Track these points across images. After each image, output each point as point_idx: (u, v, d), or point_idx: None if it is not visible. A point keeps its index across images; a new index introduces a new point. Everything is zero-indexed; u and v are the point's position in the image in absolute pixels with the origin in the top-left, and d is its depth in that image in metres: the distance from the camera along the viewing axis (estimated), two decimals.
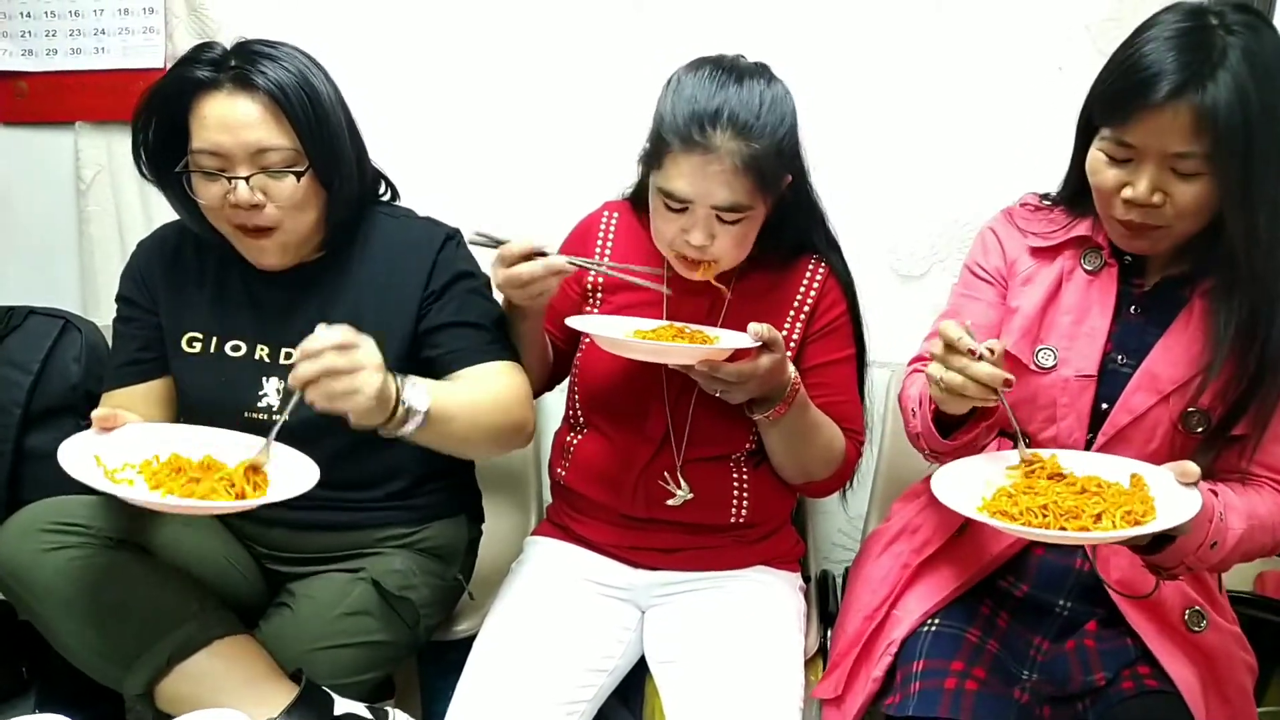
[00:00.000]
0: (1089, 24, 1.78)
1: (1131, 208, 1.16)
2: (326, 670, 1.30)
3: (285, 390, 1.23)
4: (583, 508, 1.48)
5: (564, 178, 1.95)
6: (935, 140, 1.88)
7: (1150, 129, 1.11)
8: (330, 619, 1.33)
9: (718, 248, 1.30)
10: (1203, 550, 1.11)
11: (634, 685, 1.45)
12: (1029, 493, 1.10)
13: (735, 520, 1.42)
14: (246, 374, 1.36)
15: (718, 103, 1.23)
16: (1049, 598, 1.29)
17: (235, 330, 1.38)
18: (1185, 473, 1.07)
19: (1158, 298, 1.26)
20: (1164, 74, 1.09)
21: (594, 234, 1.49)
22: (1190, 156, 1.10)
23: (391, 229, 1.43)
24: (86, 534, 1.25)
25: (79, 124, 2.14)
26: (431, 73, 1.99)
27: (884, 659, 1.30)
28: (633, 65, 1.91)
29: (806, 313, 1.42)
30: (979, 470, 1.18)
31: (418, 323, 1.38)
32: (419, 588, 1.40)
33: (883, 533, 1.45)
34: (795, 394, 1.29)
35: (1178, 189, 1.13)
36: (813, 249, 1.44)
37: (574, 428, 1.50)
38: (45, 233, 2.21)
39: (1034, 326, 1.29)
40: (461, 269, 1.41)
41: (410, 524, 1.45)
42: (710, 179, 1.23)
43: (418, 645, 1.44)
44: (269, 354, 1.37)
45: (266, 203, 1.27)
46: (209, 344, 1.39)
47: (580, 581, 1.45)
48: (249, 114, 1.26)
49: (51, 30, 2.12)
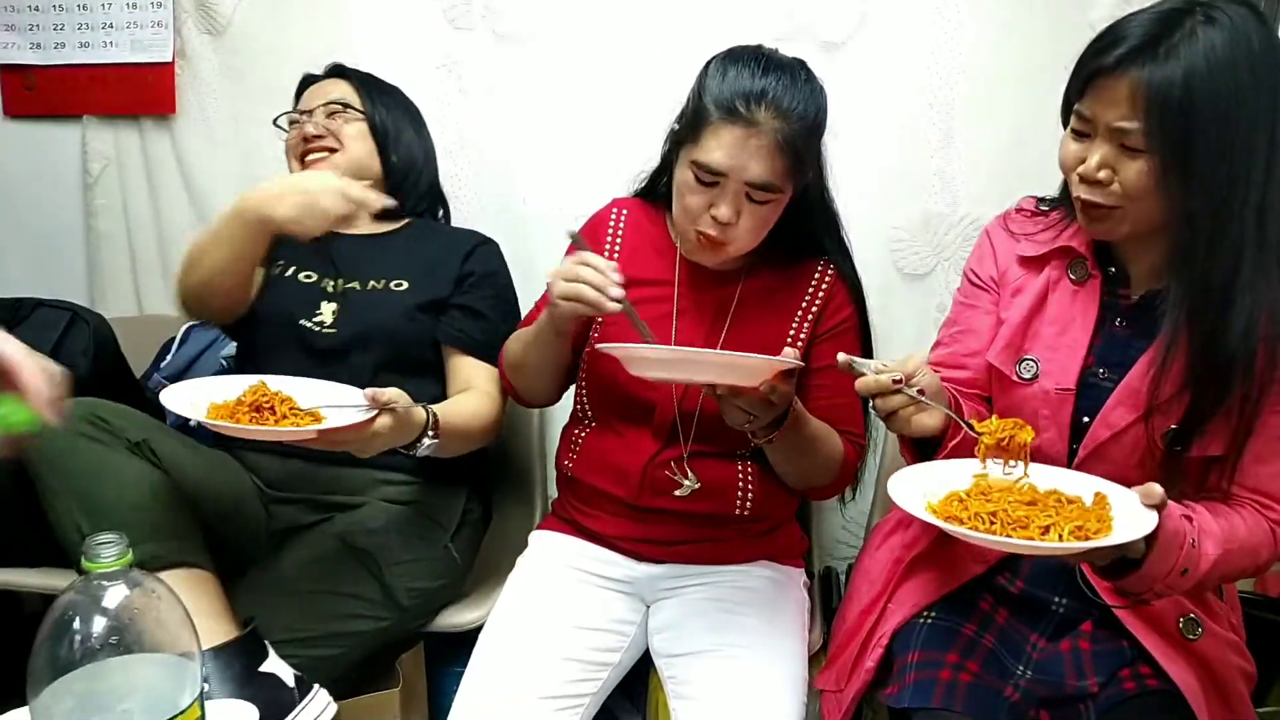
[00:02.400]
0: (1094, 23, 1.78)
1: (1084, 184, 1.15)
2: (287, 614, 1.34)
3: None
4: (589, 499, 1.48)
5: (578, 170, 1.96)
6: (940, 138, 1.88)
7: (1098, 98, 1.11)
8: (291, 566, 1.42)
9: (740, 228, 1.31)
10: (1173, 577, 1.07)
11: (638, 679, 1.46)
12: (980, 498, 1.07)
13: (740, 513, 1.43)
14: (310, 297, 1.61)
15: (764, 83, 1.27)
16: (1044, 594, 1.29)
17: (309, 263, 1.65)
18: (1149, 494, 1.02)
19: (1143, 309, 1.22)
20: (1121, 41, 1.08)
21: (604, 230, 1.50)
22: (1131, 133, 1.08)
23: (444, 229, 1.79)
24: (113, 434, 1.32)
25: (86, 118, 2.14)
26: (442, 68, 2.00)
27: (876, 650, 1.31)
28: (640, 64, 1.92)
29: (814, 314, 1.43)
30: (939, 474, 1.14)
31: (451, 292, 1.63)
32: (391, 549, 1.45)
33: (883, 525, 1.46)
34: (793, 414, 1.27)
35: (1124, 166, 1.11)
36: (821, 251, 1.45)
37: (581, 421, 1.51)
38: (52, 226, 2.22)
39: (1018, 337, 1.27)
40: (495, 268, 1.69)
41: (408, 473, 1.55)
42: (749, 153, 1.26)
43: (402, 611, 1.44)
44: (332, 285, 1.62)
45: (326, 135, 1.65)
46: (287, 269, 1.65)
47: (585, 575, 1.46)
48: (330, 84, 1.72)
49: (60, 24, 2.13)
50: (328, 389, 1.35)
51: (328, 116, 1.67)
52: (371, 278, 1.62)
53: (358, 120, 1.69)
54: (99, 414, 1.32)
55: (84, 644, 0.82)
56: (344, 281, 1.62)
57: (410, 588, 1.45)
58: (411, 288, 1.61)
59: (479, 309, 1.62)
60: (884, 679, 1.30)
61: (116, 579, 0.84)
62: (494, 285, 1.67)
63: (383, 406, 1.24)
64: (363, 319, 1.57)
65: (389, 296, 1.60)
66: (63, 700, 0.82)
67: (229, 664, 1.21)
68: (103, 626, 0.83)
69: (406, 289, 1.61)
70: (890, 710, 1.28)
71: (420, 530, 1.51)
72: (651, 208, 1.50)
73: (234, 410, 1.23)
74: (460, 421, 1.46)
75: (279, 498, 1.52)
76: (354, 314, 1.58)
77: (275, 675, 1.24)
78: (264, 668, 1.24)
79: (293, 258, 1.66)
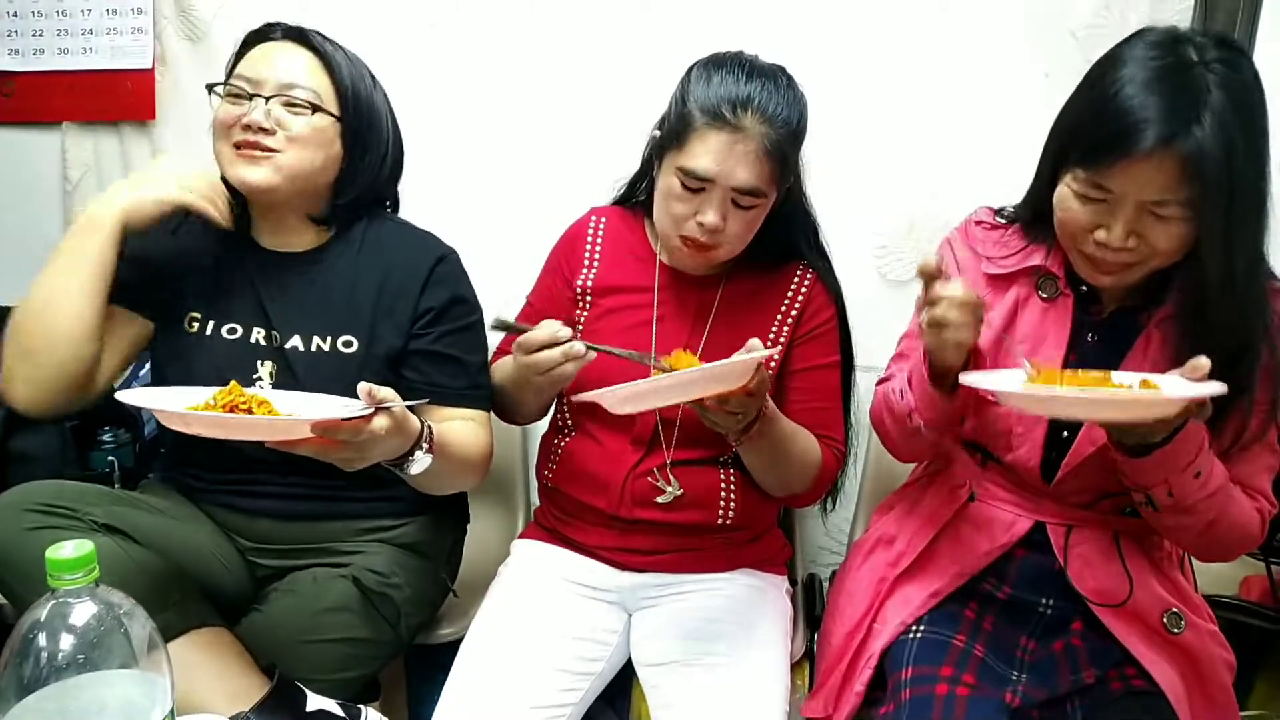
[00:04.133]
0: (1075, 30, 1.79)
1: (1103, 248, 1.14)
2: (305, 666, 1.29)
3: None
4: (570, 509, 1.48)
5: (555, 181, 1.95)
6: (922, 145, 1.89)
7: (1132, 177, 1.08)
8: (310, 614, 1.33)
9: (727, 233, 1.32)
10: (1186, 476, 1.09)
11: (621, 688, 1.45)
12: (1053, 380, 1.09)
13: (723, 522, 1.42)
14: (242, 357, 1.38)
15: (749, 89, 1.28)
16: (1032, 598, 1.29)
17: (233, 314, 1.40)
18: (1195, 366, 1.02)
19: (1115, 326, 1.24)
20: (1149, 121, 1.05)
21: (582, 240, 1.50)
22: (1171, 203, 1.08)
23: (393, 234, 1.46)
24: (72, 517, 1.24)
25: (66, 124, 2.13)
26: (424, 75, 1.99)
27: (865, 671, 1.31)
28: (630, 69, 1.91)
29: (794, 316, 1.43)
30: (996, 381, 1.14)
31: (407, 339, 1.40)
32: (401, 586, 1.39)
33: (862, 544, 1.46)
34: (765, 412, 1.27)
35: (1153, 231, 1.10)
36: (801, 256, 1.45)
37: (561, 431, 1.50)
38: (32, 233, 2.19)
39: (989, 354, 1.26)
40: (456, 293, 1.43)
41: (393, 516, 1.45)
42: (736, 158, 1.27)
43: (401, 645, 1.44)
44: (264, 337, 1.39)
45: (276, 130, 1.32)
46: (205, 325, 1.40)
47: (567, 584, 1.45)
48: (293, 56, 1.36)
49: (39, 30, 2.11)
50: (305, 397, 1.24)
51: (285, 106, 1.33)
52: (314, 332, 1.38)
53: (326, 120, 1.36)
54: (45, 499, 1.24)
55: (51, 661, 0.81)
56: (280, 336, 1.38)
57: (411, 624, 1.44)
58: (361, 348, 1.38)
59: (447, 353, 1.41)
60: (876, 698, 1.29)
61: (83, 596, 0.83)
62: (457, 316, 1.43)
63: (378, 404, 1.14)
64: (309, 384, 1.33)
65: (336, 359, 1.37)
66: (30, 718, 0.80)
67: (277, 714, 1.19)
68: (70, 644, 0.81)
69: (356, 349, 1.38)
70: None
71: (418, 565, 1.46)
72: (630, 214, 1.50)
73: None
74: (455, 441, 1.32)
75: (255, 549, 1.44)
76: (299, 377, 1.36)
77: (323, 711, 1.23)
78: (310, 707, 1.23)
79: (208, 311, 1.40)
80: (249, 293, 1.39)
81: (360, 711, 1.27)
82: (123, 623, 0.84)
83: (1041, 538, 1.27)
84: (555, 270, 1.52)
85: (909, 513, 1.39)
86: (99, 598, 0.84)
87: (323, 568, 1.39)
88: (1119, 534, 1.26)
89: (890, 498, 1.49)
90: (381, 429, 1.12)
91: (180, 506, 1.42)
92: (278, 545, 1.43)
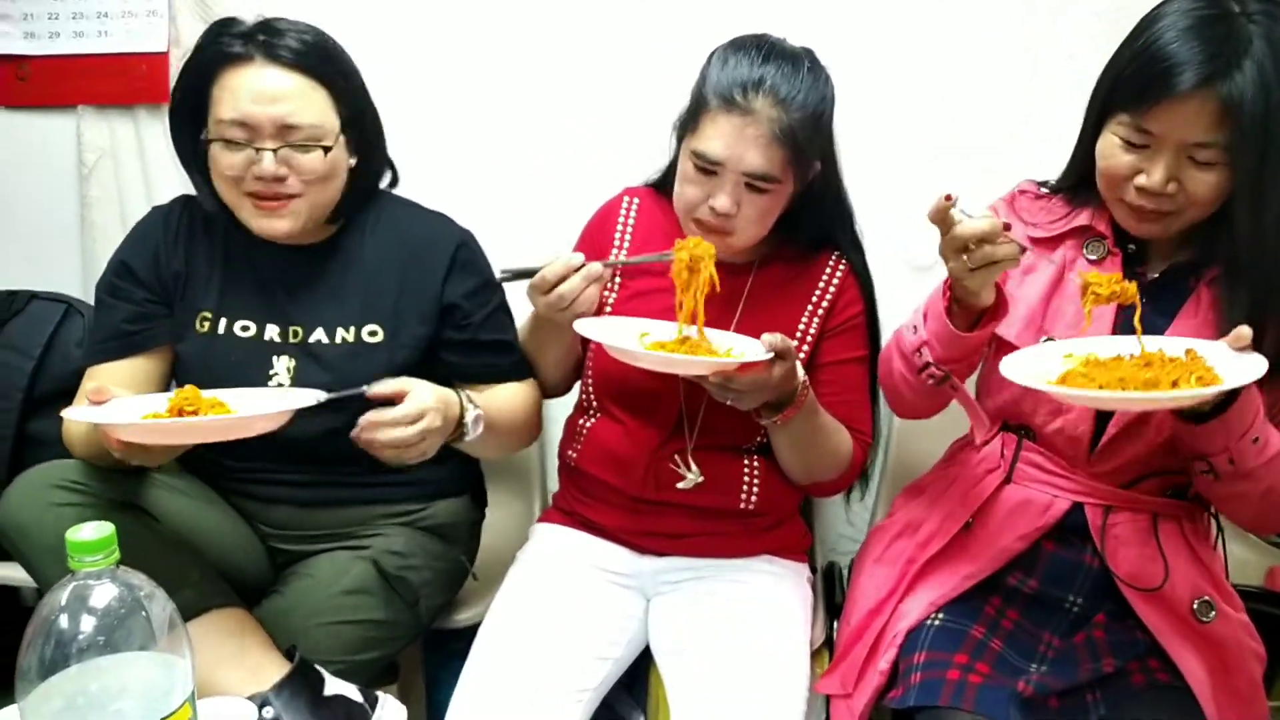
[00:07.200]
0: (1100, 12, 1.77)
1: (1143, 194, 1.15)
2: (324, 647, 1.30)
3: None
4: (592, 490, 1.47)
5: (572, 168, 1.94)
6: (947, 128, 1.87)
7: (1173, 117, 1.10)
8: (328, 596, 1.34)
9: (741, 218, 1.30)
10: (1245, 442, 1.09)
11: (639, 674, 1.45)
12: (1099, 369, 1.09)
13: (745, 507, 1.42)
14: (256, 354, 1.36)
15: (762, 72, 1.27)
16: (1059, 594, 1.28)
17: (244, 310, 1.39)
18: (1238, 337, 1.05)
19: (1164, 287, 1.24)
20: (1189, 63, 1.08)
21: (614, 220, 1.49)
22: (1211, 146, 1.10)
23: (402, 218, 1.45)
24: (92, 495, 1.24)
25: (81, 108, 2.11)
26: (440, 62, 1.98)
27: (889, 651, 1.29)
28: (641, 56, 1.90)
29: (825, 308, 1.42)
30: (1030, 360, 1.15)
31: (438, 327, 1.41)
32: (420, 568, 1.40)
33: (885, 529, 1.44)
34: (804, 398, 1.28)
35: (1193, 177, 1.13)
36: (835, 245, 1.44)
37: (586, 411, 1.50)
38: (47, 217, 2.19)
39: (1038, 317, 1.27)
40: (485, 279, 1.44)
41: (412, 501, 1.45)
42: (746, 142, 1.26)
43: (420, 627, 1.44)
44: (279, 334, 1.38)
45: (289, 175, 1.29)
46: (218, 324, 1.38)
47: (586, 568, 1.45)
48: (281, 86, 1.28)
49: (54, 13, 2.10)
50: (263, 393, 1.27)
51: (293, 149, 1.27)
52: (337, 324, 1.37)
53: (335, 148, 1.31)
54: (69, 476, 1.23)
55: (72, 643, 0.81)
56: (301, 330, 1.37)
57: (431, 606, 1.45)
58: (388, 338, 1.37)
59: (486, 339, 1.43)
60: (890, 682, 1.28)
61: (104, 577, 0.83)
62: (487, 299, 1.44)
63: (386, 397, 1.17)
64: (337, 377, 1.31)
65: (363, 350, 1.36)
66: (52, 700, 0.80)
67: (296, 695, 1.20)
68: (91, 626, 0.82)
69: (383, 340, 1.37)
70: (893, 712, 1.27)
71: (437, 548, 1.47)
72: (663, 197, 1.49)
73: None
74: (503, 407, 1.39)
75: (276, 534, 1.45)
76: (323, 372, 1.34)
77: (341, 695, 1.24)
78: (328, 691, 1.23)
79: (219, 307, 1.38)
80: (261, 290, 1.38)
81: (378, 699, 1.27)
82: (143, 605, 0.84)
83: (1077, 523, 1.25)
84: (587, 248, 1.50)
85: (940, 496, 1.38)
86: (119, 579, 0.84)
87: (342, 551, 1.39)
88: (1157, 517, 1.25)
89: (918, 482, 1.47)
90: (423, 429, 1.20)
91: (201, 490, 1.42)
92: (297, 531, 1.44)
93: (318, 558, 1.40)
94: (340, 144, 1.33)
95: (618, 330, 1.31)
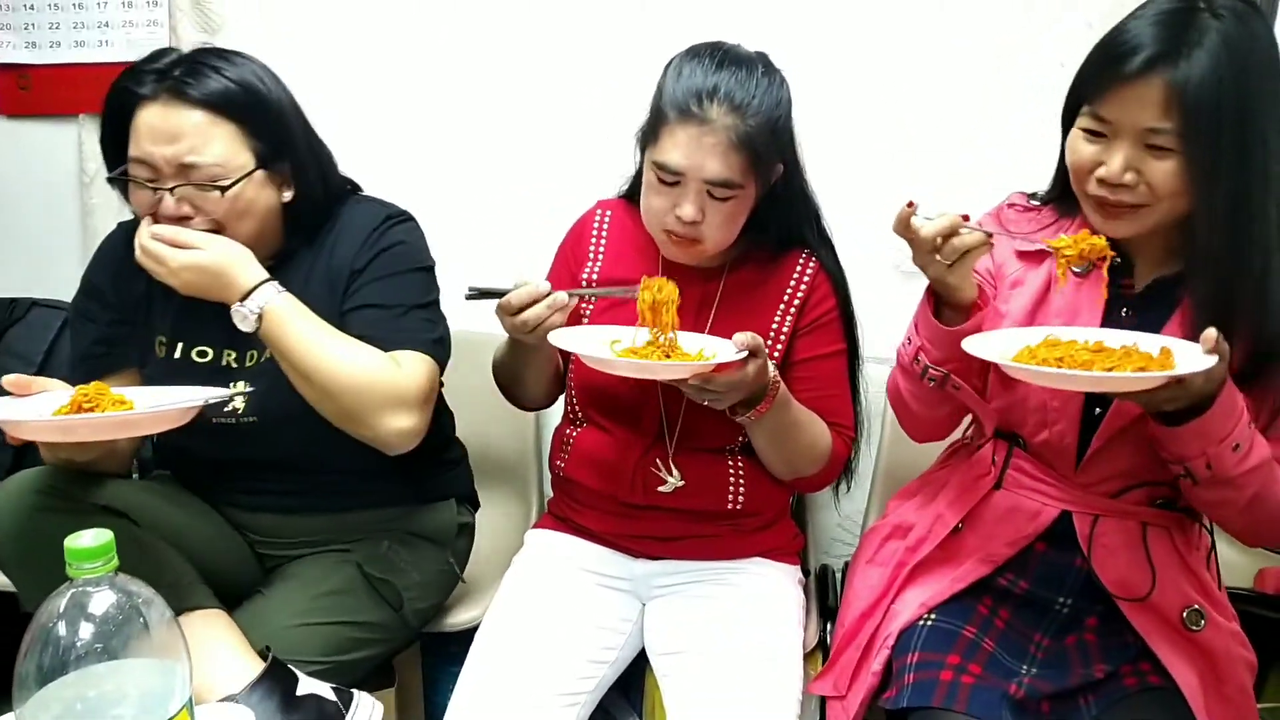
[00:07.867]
0: (1090, 21, 1.77)
1: (1105, 186, 1.15)
2: (304, 647, 1.30)
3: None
4: (582, 497, 1.48)
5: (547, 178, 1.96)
6: (938, 136, 1.87)
7: (1123, 102, 1.11)
8: (309, 597, 1.35)
9: (707, 225, 1.31)
10: (1225, 448, 1.09)
11: (634, 677, 1.46)
12: (1048, 348, 1.12)
13: (733, 508, 1.43)
14: (214, 380, 1.33)
15: (715, 80, 1.27)
16: (1049, 595, 1.28)
17: (201, 336, 1.37)
18: (1206, 338, 1.04)
19: (1149, 300, 1.24)
20: (1141, 47, 1.09)
21: (588, 233, 1.51)
22: (1162, 133, 1.10)
23: (345, 219, 1.41)
24: (71, 499, 1.24)
25: (82, 116, 2.13)
26: (432, 70, 2.00)
27: (882, 652, 1.30)
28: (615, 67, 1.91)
29: (796, 307, 1.42)
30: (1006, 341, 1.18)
31: (343, 302, 1.35)
32: (405, 570, 1.41)
33: (878, 530, 1.45)
34: (775, 392, 1.29)
35: (1151, 167, 1.12)
36: (803, 243, 1.45)
37: (573, 422, 1.51)
38: (48, 225, 2.21)
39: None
40: (386, 243, 1.36)
41: (397, 505, 1.47)
42: (704, 151, 1.26)
43: (409, 629, 1.45)
44: (236, 359, 1.37)
45: (194, 214, 1.27)
46: (174, 349, 1.38)
47: (581, 573, 1.46)
48: (180, 126, 1.25)
49: (55, 23, 2.12)
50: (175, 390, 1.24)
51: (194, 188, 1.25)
52: None
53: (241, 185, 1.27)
54: (49, 482, 1.23)
55: (70, 650, 0.81)
56: (256, 354, 1.35)
57: (419, 609, 1.45)
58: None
59: (379, 302, 1.33)
60: (883, 684, 1.29)
61: (102, 584, 0.83)
62: (380, 266, 1.35)
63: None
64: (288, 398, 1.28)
65: None
66: (50, 707, 0.81)
67: (268, 695, 1.20)
68: (89, 633, 0.82)
69: None
70: (886, 713, 1.28)
71: (424, 552, 1.48)
72: (635, 208, 1.50)
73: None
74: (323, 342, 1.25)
75: (262, 541, 1.46)
76: (276, 394, 1.30)
77: (314, 695, 1.24)
78: (301, 691, 1.23)
79: (174, 332, 1.38)
80: (218, 314, 1.29)
81: (352, 696, 1.27)
82: (141, 612, 0.84)
83: (1065, 530, 1.26)
84: (563, 263, 1.53)
85: (932, 499, 1.39)
86: (118, 586, 0.84)
87: (327, 554, 1.41)
88: (1146, 526, 1.25)
89: (910, 485, 1.48)
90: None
91: (187, 496, 1.44)
92: (281, 538, 1.45)
93: (304, 560, 1.42)
94: (255, 181, 1.29)
95: (590, 339, 1.32)
